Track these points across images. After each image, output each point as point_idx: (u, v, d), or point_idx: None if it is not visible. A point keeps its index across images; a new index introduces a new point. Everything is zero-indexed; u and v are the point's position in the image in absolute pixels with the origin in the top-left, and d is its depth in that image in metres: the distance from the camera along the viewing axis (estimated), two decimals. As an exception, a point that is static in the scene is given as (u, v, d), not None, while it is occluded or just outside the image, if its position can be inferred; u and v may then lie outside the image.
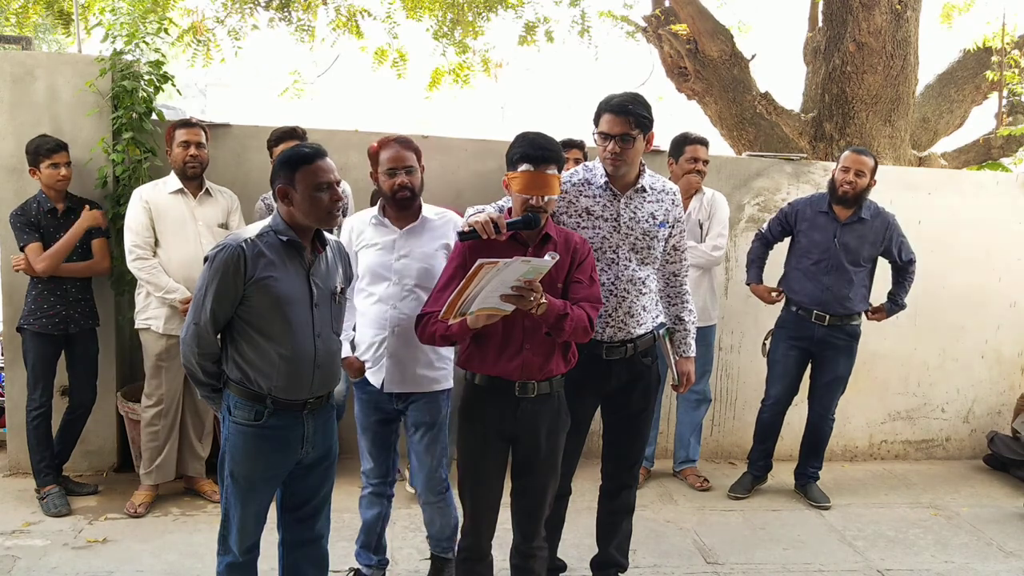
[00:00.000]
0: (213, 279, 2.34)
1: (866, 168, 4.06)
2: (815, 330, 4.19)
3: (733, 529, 4.01)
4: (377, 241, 2.93)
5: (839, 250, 4.12)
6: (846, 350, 4.23)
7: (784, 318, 4.35)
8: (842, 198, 4.10)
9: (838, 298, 4.13)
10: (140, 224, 3.79)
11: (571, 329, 2.51)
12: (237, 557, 2.52)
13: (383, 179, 2.89)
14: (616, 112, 2.78)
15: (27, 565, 3.32)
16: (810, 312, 4.19)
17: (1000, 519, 4.28)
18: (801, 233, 4.25)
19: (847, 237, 4.13)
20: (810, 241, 4.20)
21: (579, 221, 2.88)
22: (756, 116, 7.75)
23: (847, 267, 4.12)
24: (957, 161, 7.56)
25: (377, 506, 3.11)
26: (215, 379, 2.46)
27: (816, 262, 4.17)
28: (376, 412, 3.00)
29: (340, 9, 8.58)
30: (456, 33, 8.78)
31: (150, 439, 3.89)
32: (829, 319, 4.16)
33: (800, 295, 4.23)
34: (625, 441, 3.06)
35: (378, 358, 2.92)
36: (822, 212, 4.19)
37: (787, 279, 4.33)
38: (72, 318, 3.87)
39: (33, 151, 3.81)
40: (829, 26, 6.54)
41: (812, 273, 4.18)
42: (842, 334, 4.19)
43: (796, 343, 4.27)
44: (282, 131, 4.03)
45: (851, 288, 4.13)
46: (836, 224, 4.14)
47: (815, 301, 4.17)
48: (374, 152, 2.92)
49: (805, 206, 4.27)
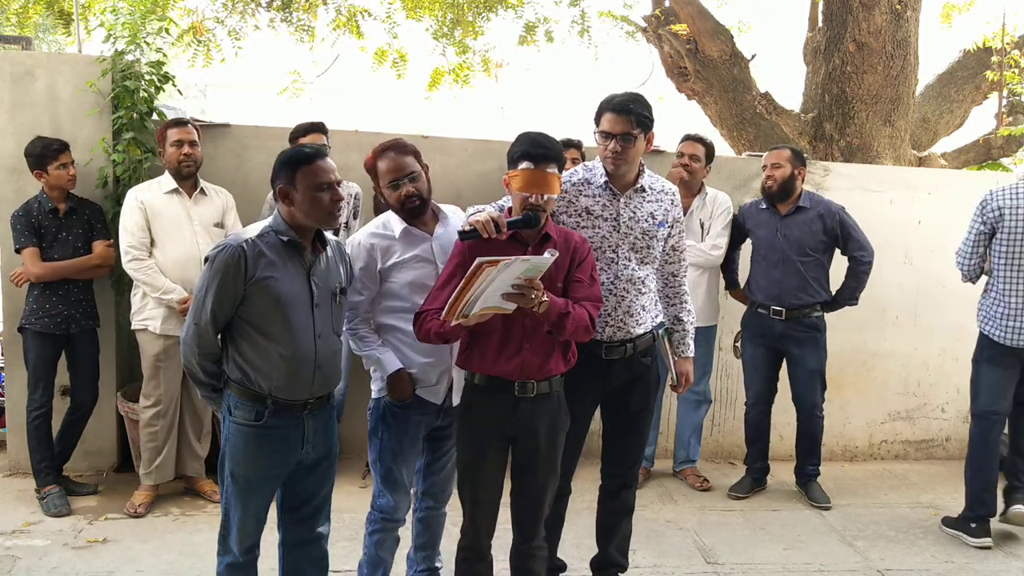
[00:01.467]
0: (214, 279, 2.34)
1: (782, 159, 4.20)
2: (775, 325, 4.26)
3: (733, 529, 4.01)
4: (414, 253, 2.71)
5: (783, 242, 4.21)
6: (811, 342, 4.25)
7: (747, 317, 4.46)
8: (768, 192, 4.24)
9: (789, 290, 4.20)
10: (135, 225, 3.78)
11: (572, 327, 2.51)
12: (237, 557, 2.52)
13: (388, 192, 2.72)
14: (618, 111, 2.78)
15: (27, 565, 3.32)
16: (768, 308, 4.27)
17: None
18: (751, 232, 4.39)
19: (789, 229, 4.22)
20: (758, 238, 4.34)
21: (579, 221, 2.88)
22: (756, 116, 7.75)
23: (793, 258, 4.19)
24: (957, 161, 7.56)
25: (394, 535, 2.90)
26: (215, 379, 2.46)
27: (765, 257, 4.29)
28: (421, 431, 2.79)
29: (340, 9, 8.58)
30: (456, 33, 8.78)
31: (149, 439, 3.89)
32: (786, 312, 4.21)
33: (756, 292, 4.33)
34: (625, 441, 3.05)
35: (440, 374, 2.74)
36: (763, 209, 4.33)
37: (748, 279, 4.44)
38: (74, 318, 3.86)
39: (39, 154, 3.77)
40: (829, 26, 6.54)
41: (764, 269, 4.30)
42: (801, 327, 4.23)
43: (761, 340, 4.35)
44: (307, 125, 4.01)
45: (801, 279, 4.19)
46: (777, 218, 4.26)
47: (769, 296, 4.26)
48: (371, 164, 2.75)
49: (751, 206, 4.42)
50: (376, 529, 2.84)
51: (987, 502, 3.91)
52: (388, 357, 2.72)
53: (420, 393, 2.74)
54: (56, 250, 3.82)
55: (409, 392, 2.71)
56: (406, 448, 2.77)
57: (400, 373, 2.70)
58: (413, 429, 2.77)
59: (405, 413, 2.74)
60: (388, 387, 2.71)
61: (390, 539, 2.87)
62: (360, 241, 2.74)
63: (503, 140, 2.77)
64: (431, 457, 2.88)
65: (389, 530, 2.85)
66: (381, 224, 2.78)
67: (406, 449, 2.77)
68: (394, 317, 2.74)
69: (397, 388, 2.70)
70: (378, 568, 2.89)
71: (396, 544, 2.91)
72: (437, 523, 2.97)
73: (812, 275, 4.22)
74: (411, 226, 2.73)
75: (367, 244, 2.72)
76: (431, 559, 3.00)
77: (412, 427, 2.76)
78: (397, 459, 2.76)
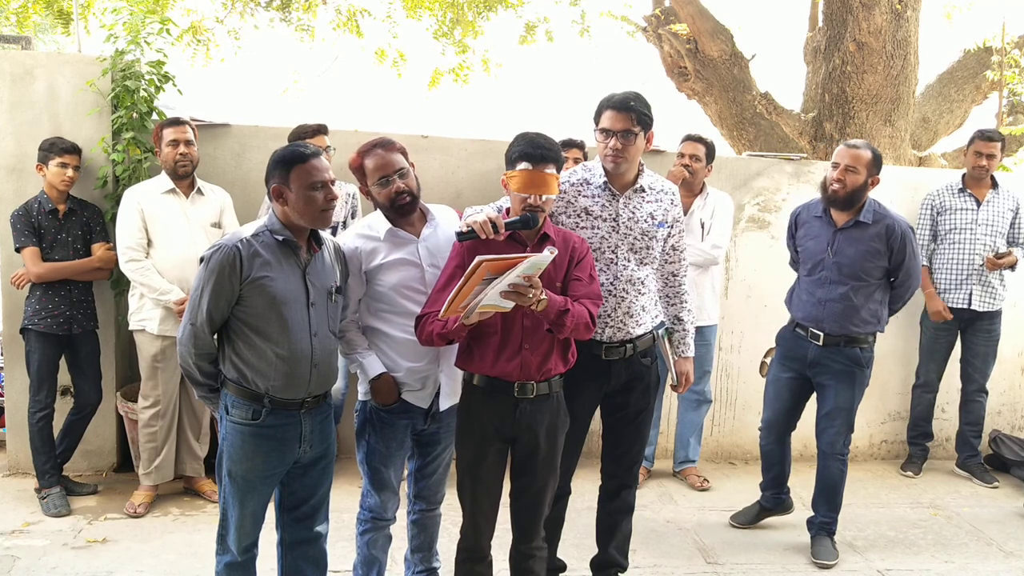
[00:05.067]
0: (209, 279, 2.34)
1: (859, 163, 3.48)
2: (809, 349, 3.66)
3: (733, 529, 4.01)
4: (399, 255, 2.67)
5: (833, 259, 3.60)
6: (846, 376, 3.61)
7: (781, 334, 3.87)
8: (832, 198, 3.56)
9: (834, 315, 3.58)
10: (132, 226, 3.78)
11: (572, 325, 2.51)
12: (236, 556, 2.52)
13: (376, 190, 2.65)
14: (618, 108, 2.78)
15: (27, 565, 3.32)
16: (805, 329, 3.68)
17: (1000, 519, 4.28)
18: (800, 240, 3.80)
19: (843, 245, 3.58)
20: (806, 249, 3.73)
21: (578, 221, 2.87)
22: (756, 116, 7.76)
23: (845, 280, 3.57)
24: (957, 161, 7.56)
25: (385, 533, 2.91)
26: (212, 379, 2.47)
27: (810, 272, 3.69)
28: (408, 434, 2.77)
29: (340, 9, 8.59)
30: (456, 33, 8.79)
31: (148, 440, 3.89)
32: (824, 338, 3.61)
33: (796, 309, 3.76)
34: (625, 441, 3.05)
35: (425, 379, 2.72)
36: (817, 217, 3.71)
37: (791, 291, 3.89)
38: (75, 319, 3.86)
39: (47, 147, 3.79)
40: (829, 26, 6.54)
41: (807, 285, 3.70)
42: (840, 357, 3.60)
43: (789, 363, 3.77)
44: (311, 128, 4.01)
45: (848, 305, 3.57)
46: (831, 230, 3.62)
47: (809, 317, 3.66)
48: (357, 164, 2.66)
49: (802, 210, 3.83)
50: (367, 528, 2.85)
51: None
52: (371, 361, 2.69)
53: (406, 397, 2.71)
54: (55, 251, 3.82)
55: (393, 397, 2.68)
56: (393, 451, 2.76)
57: (383, 377, 2.67)
58: (399, 433, 2.75)
59: (391, 417, 2.72)
60: (372, 391, 2.69)
61: (382, 537, 2.88)
62: (345, 242, 2.72)
63: (503, 140, 2.76)
64: (421, 461, 2.87)
65: (380, 528, 2.86)
66: (366, 225, 2.75)
67: (393, 452, 2.76)
68: (379, 320, 2.72)
69: (381, 393, 2.67)
70: (373, 567, 2.89)
71: (388, 542, 2.92)
72: (432, 524, 2.97)
73: (867, 301, 3.58)
74: (398, 227, 2.69)
75: (352, 245, 2.69)
76: (429, 560, 3.00)
77: (399, 431, 2.74)
78: (384, 461, 2.76)
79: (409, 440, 2.80)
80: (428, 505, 2.92)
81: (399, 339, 2.68)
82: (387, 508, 2.83)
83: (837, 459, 3.70)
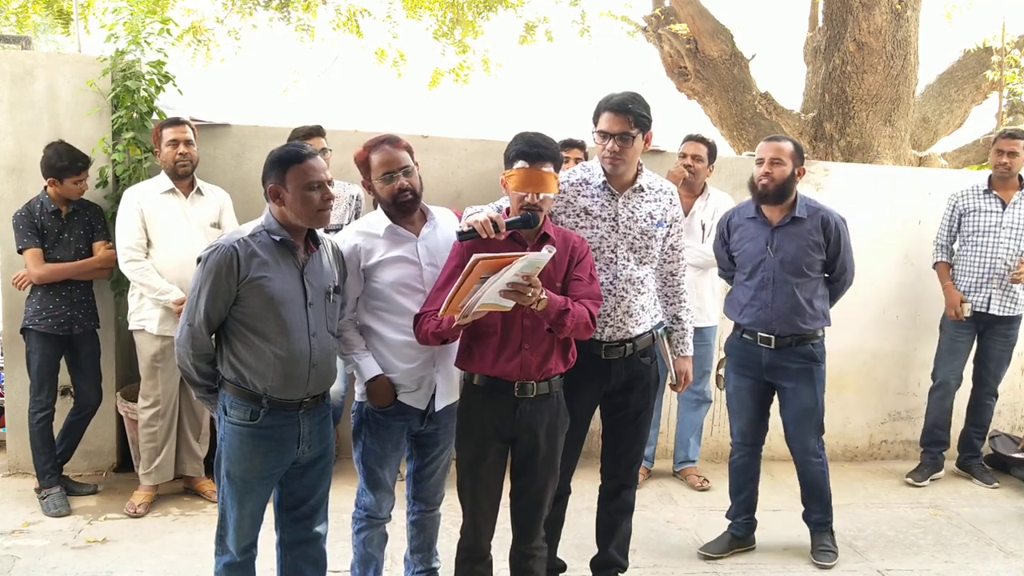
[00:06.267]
0: (206, 280, 2.34)
1: (783, 154, 3.41)
2: (762, 354, 3.57)
3: (733, 529, 4.01)
4: (398, 253, 2.67)
5: (775, 258, 3.50)
6: (804, 375, 3.55)
7: (730, 342, 3.74)
8: (763, 193, 3.46)
9: (782, 316, 3.51)
10: (132, 226, 3.78)
11: (572, 324, 2.51)
12: (234, 557, 2.52)
13: (380, 185, 2.64)
14: (615, 111, 2.78)
15: (27, 565, 3.32)
16: (754, 334, 3.58)
17: (1000, 519, 4.28)
18: (735, 245, 3.66)
19: (783, 242, 3.49)
20: (743, 252, 3.61)
21: (577, 221, 2.88)
22: (756, 116, 7.76)
23: (788, 278, 3.48)
24: (957, 161, 7.57)
25: (381, 531, 2.91)
26: (210, 380, 2.47)
27: (750, 275, 3.58)
28: (404, 435, 2.76)
29: (340, 9, 8.59)
30: (456, 33, 8.80)
31: (148, 440, 3.89)
32: (776, 340, 3.53)
33: (740, 316, 3.63)
34: (624, 441, 3.05)
35: (421, 380, 2.71)
36: (751, 218, 3.60)
37: (728, 298, 3.77)
38: (76, 319, 3.86)
39: (61, 168, 3.71)
40: (829, 26, 6.55)
41: (748, 290, 3.59)
42: (795, 357, 3.54)
43: (745, 372, 3.65)
44: (306, 130, 4.01)
45: (796, 303, 3.50)
46: (768, 229, 3.53)
47: (757, 321, 3.56)
48: (363, 158, 2.66)
49: (733, 214, 3.71)
50: (362, 527, 2.86)
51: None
52: (367, 363, 2.68)
53: (403, 399, 2.70)
54: (57, 251, 3.82)
55: (389, 399, 2.67)
56: (388, 452, 2.76)
57: (379, 379, 2.66)
58: (395, 434, 2.74)
59: (387, 419, 2.71)
60: (368, 393, 2.69)
61: (377, 535, 2.89)
62: (345, 239, 2.72)
63: (503, 140, 2.76)
64: (420, 463, 2.86)
65: (375, 527, 2.87)
66: (366, 222, 2.75)
67: (388, 452, 2.76)
68: (376, 320, 2.71)
69: (377, 395, 2.67)
70: (370, 565, 2.91)
71: (384, 540, 2.93)
72: (432, 525, 2.97)
73: (808, 297, 3.52)
74: (398, 225, 2.68)
75: (351, 242, 2.69)
76: (428, 560, 3.00)
77: (395, 432, 2.74)
78: (380, 461, 2.76)
79: (405, 440, 2.80)
80: (427, 506, 2.92)
81: (395, 340, 2.68)
82: (382, 507, 2.84)
83: (814, 461, 3.67)
